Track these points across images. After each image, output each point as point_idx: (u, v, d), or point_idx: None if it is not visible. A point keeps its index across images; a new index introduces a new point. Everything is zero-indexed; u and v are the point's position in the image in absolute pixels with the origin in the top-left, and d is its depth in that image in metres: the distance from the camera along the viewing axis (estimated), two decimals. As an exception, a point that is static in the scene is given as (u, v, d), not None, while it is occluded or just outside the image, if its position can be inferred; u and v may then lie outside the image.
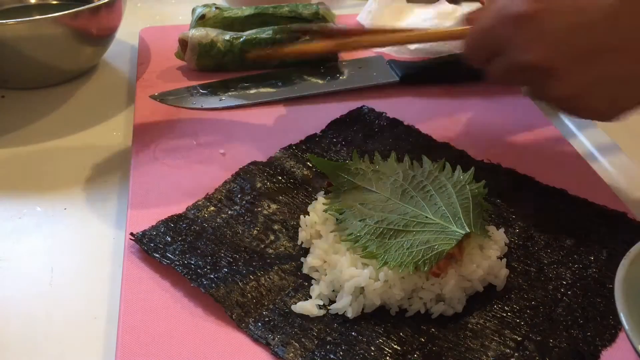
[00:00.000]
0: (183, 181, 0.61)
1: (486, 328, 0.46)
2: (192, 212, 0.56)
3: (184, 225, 0.54)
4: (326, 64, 0.81)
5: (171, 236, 0.53)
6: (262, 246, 0.53)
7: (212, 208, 0.57)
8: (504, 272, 0.49)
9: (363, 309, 0.47)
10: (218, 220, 0.55)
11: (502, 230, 0.52)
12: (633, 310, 0.39)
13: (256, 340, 0.45)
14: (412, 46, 0.82)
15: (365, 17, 0.91)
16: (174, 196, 0.59)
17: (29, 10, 0.86)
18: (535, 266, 0.51)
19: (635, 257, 0.43)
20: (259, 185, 0.59)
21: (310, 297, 0.49)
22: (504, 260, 0.50)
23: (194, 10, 0.84)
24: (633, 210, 0.58)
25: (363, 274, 0.46)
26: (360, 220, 0.49)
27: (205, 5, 0.84)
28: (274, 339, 0.45)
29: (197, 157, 0.65)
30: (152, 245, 0.52)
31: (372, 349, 0.45)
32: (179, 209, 0.57)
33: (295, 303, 0.48)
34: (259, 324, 0.46)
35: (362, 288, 0.47)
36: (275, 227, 0.55)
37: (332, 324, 0.47)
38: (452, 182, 0.51)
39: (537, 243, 0.54)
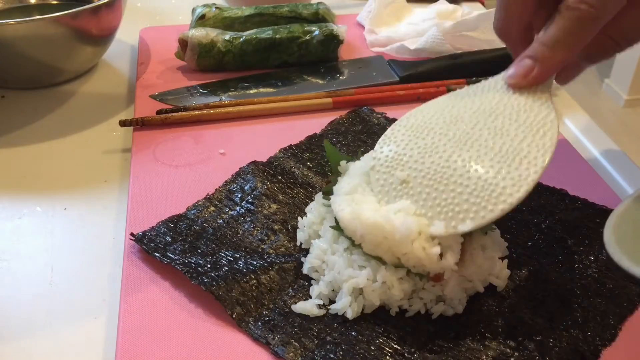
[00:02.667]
0: (183, 181, 0.61)
1: (486, 328, 0.46)
2: (193, 212, 0.56)
3: (184, 226, 0.54)
4: (326, 64, 0.81)
5: (171, 236, 0.53)
6: (263, 246, 0.53)
7: (213, 208, 0.57)
8: (505, 272, 0.49)
9: (363, 309, 0.47)
10: (218, 220, 0.55)
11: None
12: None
13: (256, 339, 0.46)
14: (412, 46, 0.82)
15: (365, 17, 0.91)
16: (174, 196, 0.59)
17: (29, 10, 0.86)
18: (535, 266, 0.51)
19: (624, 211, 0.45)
20: (259, 185, 0.59)
21: (310, 297, 0.49)
22: (506, 260, 0.50)
23: (194, 10, 0.84)
24: (633, 210, 0.58)
25: (361, 275, 0.46)
26: None
27: (205, 5, 0.84)
28: (274, 339, 0.45)
29: (197, 157, 0.65)
30: (152, 245, 0.52)
31: (372, 348, 0.45)
32: (179, 209, 0.57)
33: (296, 303, 0.48)
34: (259, 324, 0.46)
35: (361, 289, 0.47)
36: (276, 227, 0.55)
37: (332, 323, 0.47)
38: None
39: (537, 243, 0.54)
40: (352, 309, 0.47)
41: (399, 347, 0.45)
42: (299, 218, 0.55)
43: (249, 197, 0.58)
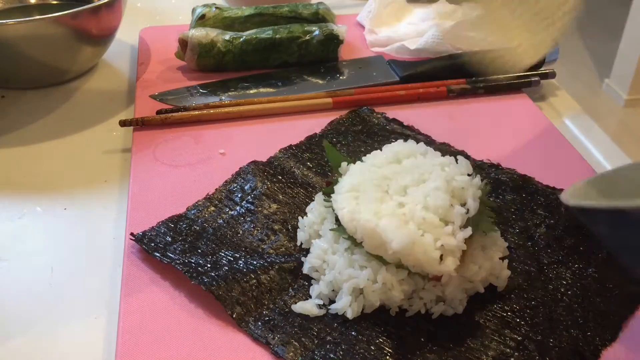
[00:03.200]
0: (183, 181, 0.61)
1: (486, 328, 0.46)
2: (193, 212, 0.56)
3: (184, 226, 0.54)
4: (326, 64, 0.81)
5: (171, 236, 0.53)
6: (263, 246, 0.53)
7: (213, 208, 0.57)
8: (506, 273, 0.49)
9: (363, 309, 0.47)
10: (218, 220, 0.55)
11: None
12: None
13: (256, 339, 0.46)
14: (412, 46, 0.82)
15: (365, 17, 0.91)
16: (174, 196, 0.59)
17: (29, 10, 0.86)
18: (535, 266, 0.51)
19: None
20: (259, 185, 0.59)
21: (310, 297, 0.49)
22: (506, 261, 0.50)
23: (194, 10, 0.84)
24: (633, 210, 0.57)
25: (361, 276, 0.46)
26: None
27: (205, 5, 0.84)
28: (273, 339, 0.45)
29: (197, 157, 0.65)
30: (152, 245, 0.52)
31: (372, 348, 0.45)
32: (179, 209, 0.57)
33: (296, 303, 0.48)
34: (259, 323, 0.46)
35: (361, 289, 0.47)
36: (276, 227, 0.55)
37: (332, 323, 0.47)
38: None
39: (537, 243, 0.54)
40: (352, 309, 0.47)
41: (399, 347, 0.45)
42: (300, 218, 0.55)
43: (249, 197, 0.58)
